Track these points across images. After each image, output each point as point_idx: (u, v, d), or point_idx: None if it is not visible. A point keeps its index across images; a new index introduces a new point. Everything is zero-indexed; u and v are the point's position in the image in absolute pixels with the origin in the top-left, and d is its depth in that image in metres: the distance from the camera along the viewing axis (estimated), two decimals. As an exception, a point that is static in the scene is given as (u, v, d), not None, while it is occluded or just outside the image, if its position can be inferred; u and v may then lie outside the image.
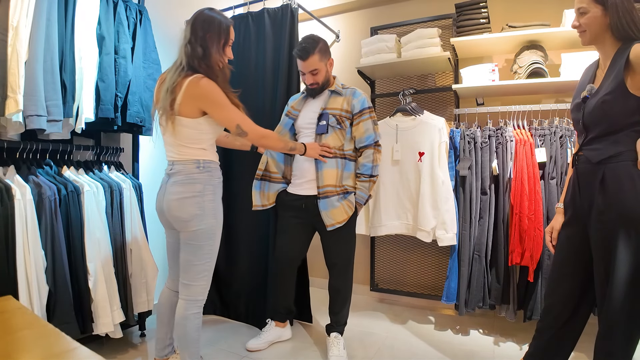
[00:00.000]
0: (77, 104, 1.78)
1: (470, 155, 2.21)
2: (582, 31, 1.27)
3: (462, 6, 2.41)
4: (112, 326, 1.81)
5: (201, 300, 1.56)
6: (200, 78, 1.45)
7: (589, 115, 1.27)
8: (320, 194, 1.88)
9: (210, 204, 1.52)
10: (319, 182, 1.88)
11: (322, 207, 1.87)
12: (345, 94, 1.96)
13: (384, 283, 2.90)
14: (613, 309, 1.21)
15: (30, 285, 1.54)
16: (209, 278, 1.57)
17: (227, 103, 1.50)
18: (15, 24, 1.53)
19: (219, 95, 1.47)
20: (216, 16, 1.54)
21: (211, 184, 1.53)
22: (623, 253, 1.18)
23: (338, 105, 1.94)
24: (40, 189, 1.66)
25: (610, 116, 1.22)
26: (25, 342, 0.81)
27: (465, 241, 2.20)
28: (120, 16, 2.01)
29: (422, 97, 2.73)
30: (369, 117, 1.94)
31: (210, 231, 1.53)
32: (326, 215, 1.86)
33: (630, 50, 1.15)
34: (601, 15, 1.22)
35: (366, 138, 1.92)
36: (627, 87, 1.18)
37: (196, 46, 1.48)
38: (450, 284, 2.21)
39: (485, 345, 2.10)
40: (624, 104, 1.19)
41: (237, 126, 1.54)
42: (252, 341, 2.05)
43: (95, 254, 1.79)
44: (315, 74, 1.90)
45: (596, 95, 1.26)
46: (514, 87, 2.27)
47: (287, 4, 2.27)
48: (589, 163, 1.29)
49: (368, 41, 2.65)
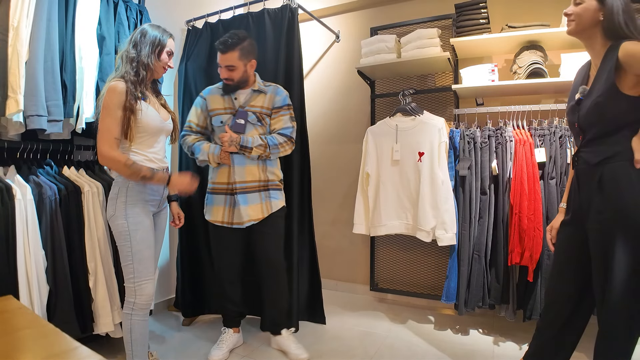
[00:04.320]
0: (77, 104, 1.78)
1: (470, 155, 2.21)
2: (572, 20, 1.27)
3: (461, 6, 2.42)
4: (113, 326, 1.82)
5: (131, 302, 1.58)
6: (112, 83, 1.54)
7: (584, 117, 1.27)
8: (238, 189, 1.88)
9: (122, 205, 1.57)
10: (236, 177, 1.88)
11: (242, 202, 1.88)
12: (268, 92, 1.97)
13: (384, 283, 2.91)
14: (612, 309, 1.21)
15: (30, 285, 1.55)
16: (136, 281, 1.58)
17: (111, 114, 1.51)
18: (15, 24, 1.53)
19: (111, 102, 1.51)
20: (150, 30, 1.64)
21: (125, 186, 1.58)
22: (621, 253, 1.17)
23: (259, 103, 1.94)
24: (40, 188, 1.66)
25: (604, 118, 1.22)
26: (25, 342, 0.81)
27: (465, 241, 2.20)
28: (120, 16, 2.02)
29: (421, 97, 2.73)
30: (288, 113, 1.97)
31: (123, 232, 1.56)
32: (244, 211, 1.88)
33: (619, 49, 1.15)
34: (595, 8, 1.21)
35: (284, 129, 1.94)
36: (618, 88, 1.17)
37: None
38: (450, 284, 2.21)
39: (485, 345, 2.10)
40: (617, 105, 1.18)
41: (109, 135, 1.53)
42: (213, 351, 1.98)
43: (95, 253, 1.79)
44: (232, 70, 1.87)
45: (589, 97, 1.26)
46: (514, 87, 2.27)
47: (287, 5, 2.27)
48: (587, 164, 1.29)
49: (368, 41, 2.65)
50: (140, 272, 1.58)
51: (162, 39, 1.64)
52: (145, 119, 1.58)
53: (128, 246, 1.57)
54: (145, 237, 1.60)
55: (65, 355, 0.74)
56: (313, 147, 3.08)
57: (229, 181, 1.89)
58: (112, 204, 1.59)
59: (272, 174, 1.97)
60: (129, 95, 1.53)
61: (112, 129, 1.52)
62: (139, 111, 1.56)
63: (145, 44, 1.60)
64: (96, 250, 1.79)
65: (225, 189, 1.92)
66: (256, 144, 1.86)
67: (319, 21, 2.87)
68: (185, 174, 1.70)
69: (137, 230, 1.57)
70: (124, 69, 1.58)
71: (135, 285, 1.58)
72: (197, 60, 2.53)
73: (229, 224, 1.93)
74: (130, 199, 1.58)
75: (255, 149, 1.85)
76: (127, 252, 1.57)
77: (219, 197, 1.94)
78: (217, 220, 1.95)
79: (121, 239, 1.58)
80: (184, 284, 2.47)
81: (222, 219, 1.93)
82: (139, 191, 1.60)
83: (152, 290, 1.63)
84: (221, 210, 1.93)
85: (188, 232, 2.43)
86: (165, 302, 2.62)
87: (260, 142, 1.87)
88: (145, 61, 1.59)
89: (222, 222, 1.94)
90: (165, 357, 1.98)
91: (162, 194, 1.71)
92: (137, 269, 1.58)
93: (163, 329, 2.32)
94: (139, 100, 1.57)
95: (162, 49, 1.64)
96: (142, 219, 1.60)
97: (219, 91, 1.99)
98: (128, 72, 1.56)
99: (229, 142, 1.83)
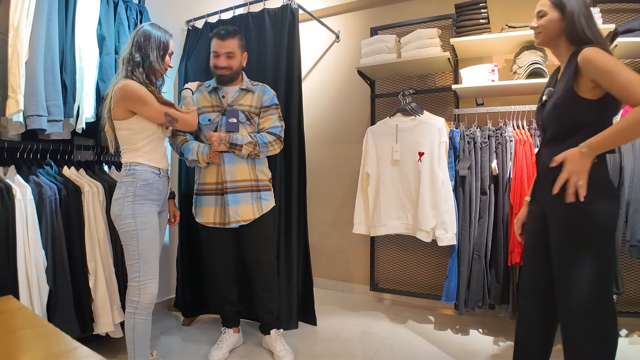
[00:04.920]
0: (77, 104, 1.78)
1: (470, 155, 2.21)
2: (539, 32, 1.35)
3: (461, 6, 2.42)
4: (113, 326, 1.82)
5: (135, 301, 1.59)
6: (125, 81, 1.55)
7: (546, 117, 1.35)
8: (229, 189, 1.87)
9: (129, 205, 1.58)
10: (227, 177, 1.86)
11: (232, 202, 1.87)
12: (256, 91, 1.97)
13: (384, 283, 2.91)
14: (572, 304, 1.24)
15: (30, 285, 1.55)
16: (141, 280, 1.59)
17: (150, 99, 1.57)
18: (15, 24, 1.53)
19: (142, 92, 1.55)
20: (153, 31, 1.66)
21: (133, 186, 1.59)
22: (575, 251, 1.24)
23: (248, 102, 1.94)
24: (40, 188, 1.66)
25: (561, 118, 1.28)
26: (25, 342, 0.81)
27: (465, 241, 2.20)
28: (120, 16, 2.02)
29: (421, 97, 2.73)
30: (277, 113, 1.97)
31: (130, 232, 1.57)
32: (233, 211, 1.87)
33: (579, 55, 1.21)
34: (558, 19, 1.29)
35: (273, 128, 1.93)
36: (575, 91, 1.24)
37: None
38: (450, 284, 2.21)
39: (485, 345, 2.10)
40: (574, 107, 1.25)
41: (165, 114, 1.61)
42: (213, 351, 1.98)
43: (95, 253, 1.79)
44: (231, 57, 1.88)
45: (552, 99, 1.33)
46: (514, 87, 2.27)
47: (287, 5, 2.27)
48: (546, 163, 1.34)
49: (368, 41, 2.65)
50: (145, 271, 1.59)
51: (166, 41, 1.65)
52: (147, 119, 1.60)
53: (135, 245, 1.57)
54: (152, 237, 1.61)
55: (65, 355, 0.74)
56: (313, 147, 3.09)
57: (218, 181, 1.88)
58: (118, 204, 1.59)
59: (262, 173, 1.97)
60: None
61: (161, 108, 1.60)
62: None
63: (152, 48, 1.60)
64: (96, 250, 1.79)
65: (214, 190, 1.90)
66: (246, 142, 1.85)
67: (319, 21, 2.87)
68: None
69: (145, 230, 1.58)
70: (130, 72, 1.58)
71: (140, 284, 1.58)
72: (197, 60, 2.53)
73: (221, 225, 1.91)
74: (138, 199, 1.59)
75: (245, 146, 1.84)
76: (133, 251, 1.57)
77: (209, 198, 1.92)
78: (208, 222, 1.92)
79: (128, 238, 1.58)
80: (184, 284, 2.47)
81: (214, 220, 1.91)
82: (147, 191, 1.61)
83: (155, 289, 1.63)
84: (212, 211, 1.91)
85: (188, 232, 2.43)
86: (165, 302, 2.62)
87: (249, 140, 1.86)
88: (156, 66, 1.62)
89: (214, 223, 1.92)
90: (165, 357, 1.98)
91: (166, 193, 1.72)
92: (143, 268, 1.58)
93: (163, 329, 2.32)
94: None
95: (167, 51, 1.66)
96: (149, 219, 1.61)
97: (206, 89, 1.98)
98: (137, 77, 1.58)
99: (219, 140, 1.82)
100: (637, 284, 2.23)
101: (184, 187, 2.48)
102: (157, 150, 1.67)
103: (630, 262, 2.21)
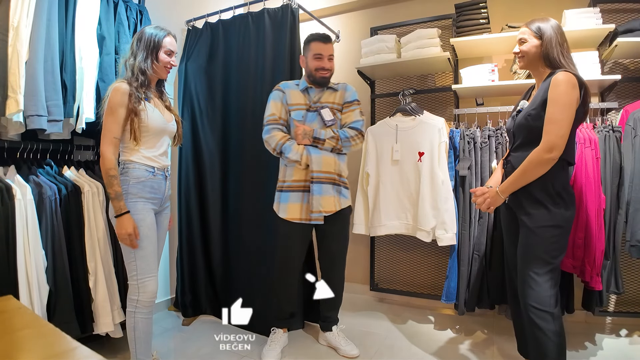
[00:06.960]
0: (77, 104, 1.78)
1: (470, 155, 2.21)
2: (521, 57, 1.54)
3: (461, 6, 2.42)
4: (113, 326, 1.81)
5: (135, 300, 1.59)
6: (116, 84, 1.56)
7: (517, 126, 1.53)
8: (314, 179, 1.88)
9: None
10: (314, 167, 1.88)
11: (316, 192, 1.88)
12: (339, 89, 2.03)
13: (384, 283, 2.91)
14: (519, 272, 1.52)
15: (30, 285, 1.55)
16: (139, 278, 1.58)
17: (115, 113, 1.53)
18: (15, 24, 1.53)
19: (114, 101, 1.54)
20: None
21: (125, 184, 1.59)
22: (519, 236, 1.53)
23: (331, 99, 2.00)
24: (40, 188, 1.66)
25: (531, 127, 1.45)
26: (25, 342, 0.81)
27: (465, 241, 2.20)
28: (120, 16, 2.02)
29: (421, 97, 2.73)
30: (358, 108, 2.01)
31: None
32: (316, 201, 1.88)
33: (553, 76, 1.40)
34: (537, 45, 1.48)
35: (354, 122, 1.96)
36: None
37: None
38: (450, 284, 2.21)
39: (485, 345, 2.10)
40: (543, 118, 1.41)
41: (114, 137, 1.56)
42: (268, 352, 1.96)
43: (95, 253, 1.79)
44: (332, 59, 1.97)
45: (526, 109, 1.50)
46: (514, 87, 2.27)
47: (288, 4, 2.27)
48: (513, 168, 1.50)
49: (368, 41, 2.65)
50: (142, 269, 1.59)
51: (157, 40, 1.63)
52: (148, 119, 1.59)
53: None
54: (147, 234, 1.60)
55: (65, 355, 0.74)
56: (313, 147, 3.09)
57: (307, 178, 1.90)
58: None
59: (344, 170, 2.01)
60: (133, 97, 1.54)
61: (112, 129, 1.53)
62: (143, 112, 1.57)
63: (141, 50, 1.62)
64: (96, 250, 1.79)
65: (302, 186, 1.92)
66: (328, 136, 1.89)
67: (319, 21, 2.86)
68: (129, 222, 1.54)
69: (139, 227, 1.57)
70: (123, 75, 1.61)
71: (138, 283, 1.58)
72: (197, 60, 2.53)
73: (306, 221, 1.92)
74: (131, 197, 1.58)
75: (328, 140, 1.89)
76: (129, 250, 1.57)
77: (296, 195, 1.93)
78: (294, 217, 1.92)
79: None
80: (184, 284, 2.47)
81: (300, 216, 1.92)
82: (139, 189, 1.60)
83: (155, 287, 1.63)
84: (298, 207, 1.92)
85: (188, 232, 2.43)
86: (165, 302, 2.62)
87: (332, 135, 1.90)
88: (142, 67, 1.61)
89: (300, 219, 1.92)
90: (166, 357, 1.98)
91: (164, 193, 1.72)
92: (140, 266, 1.58)
93: (163, 329, 2.31)
94: (143, 101, 1.58)
95: (159, 50, 1.64)
96: (143, 216, 1.60)
97: (296, 87, 2.02)
98: (129, 78, 1.59)
99: (302, 134, 1.87)
100: (637, 284, 2.24)
101: (184, 188, 2.48)
102: (153, 149, 1.66)
103: (630, 262, 2.22)
